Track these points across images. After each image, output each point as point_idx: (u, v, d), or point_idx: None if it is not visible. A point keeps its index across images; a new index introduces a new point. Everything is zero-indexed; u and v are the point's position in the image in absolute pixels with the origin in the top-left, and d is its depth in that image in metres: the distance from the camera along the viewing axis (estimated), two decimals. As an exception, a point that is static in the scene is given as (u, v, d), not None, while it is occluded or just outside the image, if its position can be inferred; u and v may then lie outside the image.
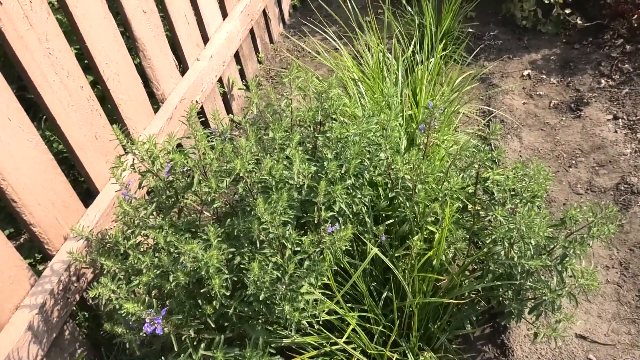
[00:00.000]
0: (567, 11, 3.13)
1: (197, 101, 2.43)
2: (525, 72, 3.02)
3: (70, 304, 1.72)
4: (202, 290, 1.25)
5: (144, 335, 1.25)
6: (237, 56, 2.95)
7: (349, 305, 1.64)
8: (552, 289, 1.52)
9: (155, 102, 2.27)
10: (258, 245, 1.33)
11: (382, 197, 1.75)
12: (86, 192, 2.06)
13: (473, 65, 3.10)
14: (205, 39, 2.62)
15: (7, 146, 1.50)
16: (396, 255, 1.67)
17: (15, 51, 1.51)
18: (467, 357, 1.77)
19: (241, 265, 1.32)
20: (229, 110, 2.91)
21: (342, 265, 1.63)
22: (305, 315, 1.31)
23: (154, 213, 1.56)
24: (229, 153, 1.36)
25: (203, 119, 2.59)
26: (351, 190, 1.56)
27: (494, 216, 1.58)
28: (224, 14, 2.80)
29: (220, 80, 2.75)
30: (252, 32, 3.13)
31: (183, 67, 2.48)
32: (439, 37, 2.85)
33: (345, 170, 1.52)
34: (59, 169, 1.71)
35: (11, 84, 2.06)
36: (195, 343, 1.35)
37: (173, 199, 1.53)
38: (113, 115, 2.04)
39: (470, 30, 3.31)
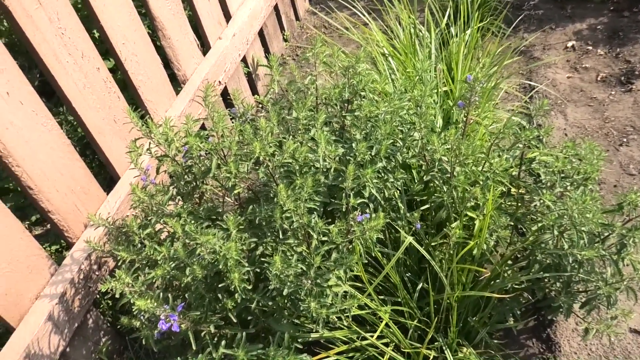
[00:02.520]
0: (617, -25, 2.88)
1: (220, 82, 2.34)
2: (569, 44, 2.80)
3: (92, 293, 1.67)
4: (220, 285, 1.16)
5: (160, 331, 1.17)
6: (261, 35, 2.83)
7: (381, 297, 1.53)
8: (607, 281, 1.37)
9: (178, 84, 2.19)
10: (281, 235, 1.23)
11: (416, 181, 1.62)
12: (111, 178, 2.01)
13: (512, 38, 2.89)
14: (228, 16, 2.51)
15: (20, 131, 1.44)
16: (432, 244, 1.55)
17: (24, 31, 1.43)
18: (510, 352, 1.64)
19: (263, 258, 1.22)
20: (254, 90, 2.81)
21: (373, 254, 1.51)
22: (334, 311, 1.21)
23: (175, 199, 1.47)
24: (248, 135, 1.26)
25: (228, 99, 2.50)
26: (382, 174, 1.44)
27: (540, 201, 1.43)
28: (247, -10, 2.67)
29: (244, 60, 2.64)
30: (276, 8, 2.99)
31: (205, 47, 2.38)
32: (474, 7, 2.65)
33: (376, 152, 1.40)
34: (76, 154, 1.64)
35: (35, 68, 1.99)
36: (215, 339, 1.27)
37: (192, 185, 1.44)
38: (133, 98, 1.96)
39: (509, -1, 3.10)
